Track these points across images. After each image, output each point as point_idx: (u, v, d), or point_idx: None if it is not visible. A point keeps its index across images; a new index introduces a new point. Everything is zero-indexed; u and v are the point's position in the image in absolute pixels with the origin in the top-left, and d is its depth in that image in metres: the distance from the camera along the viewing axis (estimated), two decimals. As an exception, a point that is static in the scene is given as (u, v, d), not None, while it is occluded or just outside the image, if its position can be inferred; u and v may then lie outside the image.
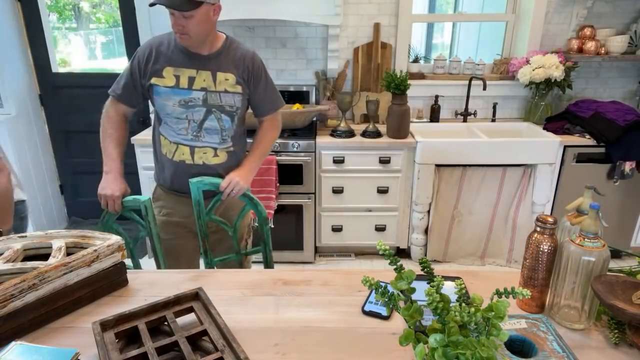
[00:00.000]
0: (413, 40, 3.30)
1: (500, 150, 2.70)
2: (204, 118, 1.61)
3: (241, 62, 1.64)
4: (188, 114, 1.60)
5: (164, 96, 1.58)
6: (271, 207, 2.75)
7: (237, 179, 1.61)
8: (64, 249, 1.13)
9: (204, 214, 1.65)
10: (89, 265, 1.09)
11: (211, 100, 1.60)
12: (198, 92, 1.58)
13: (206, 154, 1.66)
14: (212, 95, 1.60)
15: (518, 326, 0.99)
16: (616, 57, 2.91)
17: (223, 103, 1.62)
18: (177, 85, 1.57)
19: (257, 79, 1.68)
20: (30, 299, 1.00)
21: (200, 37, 1.53)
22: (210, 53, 1.59)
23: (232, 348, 0.89)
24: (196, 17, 1.47)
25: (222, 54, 1.62)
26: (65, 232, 1.21)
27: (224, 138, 1.67)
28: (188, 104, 1.59)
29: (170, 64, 1.57)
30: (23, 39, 3.12)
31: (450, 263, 3.00)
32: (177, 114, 1.60)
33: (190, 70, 1.57)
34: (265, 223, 1.70)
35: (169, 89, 1.57)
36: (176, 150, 1.65)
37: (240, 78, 1.63)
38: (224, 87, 1.61)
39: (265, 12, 2.68)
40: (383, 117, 3.08)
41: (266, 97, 1.74)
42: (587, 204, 1.01)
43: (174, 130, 1.63)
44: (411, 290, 0.77)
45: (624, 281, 0.98)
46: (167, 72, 1.57)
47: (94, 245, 1.14)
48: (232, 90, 1.62)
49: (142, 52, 1.60)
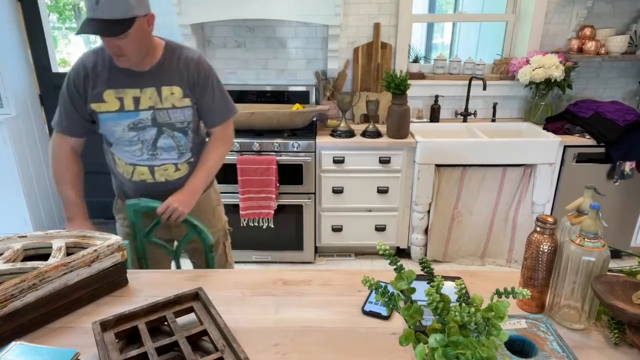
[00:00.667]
0: (413, 40, 3.30)
1: (500, 150, 2.70)
2: (156, 137, 1.50)
3: (185, 70, 1.48)
4: (139, 136, 1.48)
5: (110, 122, 1.46)
6: (271, 207, 2.75)
7: (175, 205, 1.48)
8: (64, 249, 1.13)
9: (141, 236, 1.57)
10: (89, 265, 1.10)
11: (160, 119, 1.48)
12: (146, 112, 1.46)
13: (167, 170, 1.55)
14: (160, 113, 1.47)
15: (518, 326, 0.99)
16: (616, 57, 2.91)
17: (173, 120, 1.49)
18: (122, 108, 1.44)
19: (203, 87, 1.52)
20: (30, 299, 1.00)
21: (140, 54, 1.40)
22: (151, 67, 1.45)
23: (232, 348, 0.89)
24: (130, 35, 1.31)
25: (164, 65, 1.47)
26: (65, 232, 1.21)
27: (181, 152, 1.56)
28: (138, 126, 1.47)
29: (110, 85, 1.43)
30: (23, 39, 3.12)
31: (450, 263, 3.00)
32: (128, 137, 1.48)
33: (133, 90, 1.44)
34: (210, 251, 1.59)
35: (114, 114, 1.44)
36: (134, 171, 1.54)
37: (186, 89, 1.49)
38: (170, 102, 1.47)
39: (265, 12, 2.68)
40: (383, 117, 3.08)
41: (214, 106, 1.57)
42: (587, 204, 1.01)
43: (127, 152, 1.51)
44: (411, 290, 0.77)
45: (624, 281, 0.98)
46: (108, 96, 1.43)
47: (94, 245, 1.14)
48: (180, 104, 1.49)
49: (75, 75, 1.44)
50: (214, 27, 3.05)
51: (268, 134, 2.76)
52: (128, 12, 1.28)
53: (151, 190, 1.55)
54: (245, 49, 3.11)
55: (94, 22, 1.28)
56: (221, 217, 1.81)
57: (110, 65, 1.43)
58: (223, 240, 1.81)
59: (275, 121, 2.73)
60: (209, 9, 2.67)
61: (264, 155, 2.69)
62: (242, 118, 2.69)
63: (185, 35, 2.80)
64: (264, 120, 2.71)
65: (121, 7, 1.27)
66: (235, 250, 2.93)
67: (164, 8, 2.94)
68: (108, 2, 1.26)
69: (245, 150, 2.71)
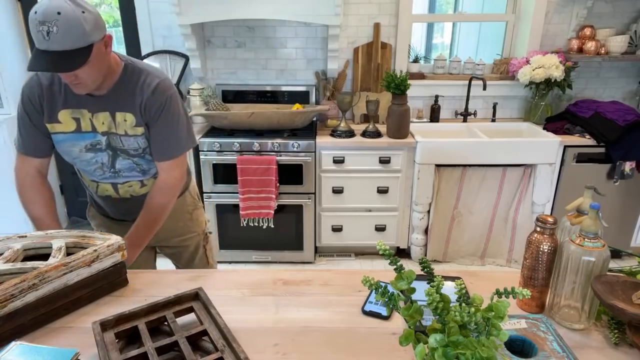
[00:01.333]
0: (413, 40, 3.30)
1: (500, 150, 2.70)
2: (113, 161, 1.42)
3: (140, 95, 1.34)
4: (97, 158, 1.40)
5: (67, 143, 1.37)
6: (271, 207, 2.75)
7: None
8: (64, 249, 1.13)
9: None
10: (89, 265, 1.09)
11: (114, 143, 1.39)
12: (101, 136, 1.37)
13: (132, 187, 1.48)
14: (114, 138, 1.38)
15: (518, 326, 0.99)
16: (616, 57, 2.91)
17: (126, 147, 1.39)
18: (79, 129, 1.34)
19: (155, 116, 1.36)
20: (31, 299, 1.00)
21: (98, 80, 1.28)
22: (107, 90, 1.34)
23: (232, 348, 0.89)
24: (89, 62, 1.19)
25: (120, 88, 1.34)
26: (65, 232, 1.21)
27: (144, 170, 1.46)
28: (95, 147, 1.38)
29: (66, 106, 1.33)
30: (23, 39, 3.12)
31: (450, 263, 3.00)
32: (86, 158, 1.40)
33: (88, 112, 1.35)
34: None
35: (70, 135, 1.35)
36: (98, 188, 1.47)
37: (139, 117, 1.36)
38: (123, 129, 1.36)
39: (265, 12, 2.68)
40: (383, 117, 3.08)
41: (161, 139, 1.39)
42: (587, 204, 1.01)
43: (87, 171, 1.45)
44: (411, 290, 0.77)
45: (624, 281, 0.98)
46: (63, 116, 1.33)
47: (94, 245, 1.14)
48: (133, 132, 1.37)
49: (29, 92, 1.33)
50: (214, 27, 3.05)
51: (268, 134, 2.76)
52: (84, 39, 1.15)
53: (118, 204, 1.50)
54: (245, 49, 3.12)
55: (46, 55, 1.13)
56: (200, 220, 1.72)
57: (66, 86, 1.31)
58: (203, 244, 1.74)
59: (275, 121, 2.73)
60: (209, 9, 2.67)
61: (264, 155, 2.69)
62: (242, 118, 2.69)
63: (185, 35, 2.80)
64: (264, 120, 2.71)
65: (75, 35, 1.13)
66: (235, 250, 2.96)
67: (164, 8, 2.95)
68: (61, 32, 1.11)
69: (245, 150, 2.71)
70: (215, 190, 2.81)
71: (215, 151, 2.71)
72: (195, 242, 1.70)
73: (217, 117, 2.75)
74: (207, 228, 1.78)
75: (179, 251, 1.69)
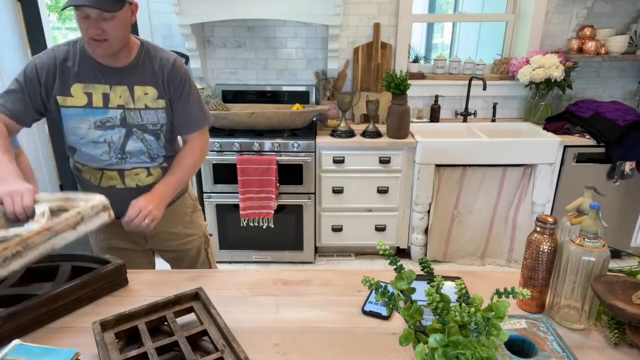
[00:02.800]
0: (413, 40, 3.30)
1: (500, 150, 2.70)
2: (124, 141, 1.40)
3: (160, 72, 1.40)
4: (106, 137, 1.39)
5: (76, 118, 1.36)
6: (271, 207, 2.75)
7: (149, 207, 1.33)
8: (47, 213, 1.07)
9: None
10: (74, 228, 1.05)
11: (130, 120, 1.39)
12: (115, 111, 1.37)
13: (138, 175, 1.45)
14: (131, 113, 1.38)
15: (518, 326, 0.99)
16: (616, 57, 2.91)
17: (145, 122, 1.40)
18: (90, 104, 1.35)
19: (178, 90, 1.43)
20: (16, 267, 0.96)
21: (120, 43, 1.31)
22: (125, 64, 1.37)
23: (232, 348, 0.89)
24: (117, 18, 1.24)
25: (139, 64, 1.38)
26: (48, 196, 1.14)
27: (152, 157, 1.46)
28: (105, 125, 1.37)
29: (79, 80, 1.35)
30: (23, 39, 3.12)
31: (450, 263, 3.00)
32: (94, 137, 1.38)
33: (103, 86, 1.35)
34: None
35: (80, 109, 1.36)
36: (102, 177, 1.44)
37: (161, 91, 1.40)
38: (143, 103, 1.39)
39: (265, 12, 2.69)
40: (383, 117, 3.08)
41: (189, 113, 1.47)
42: (587, 204, 1.01)
43: (93, 156, 1.41)
44: (411, 290, 0.77)
45: (624, 281, 0.98)
46: (75, 90, 1.35)
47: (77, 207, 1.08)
48: (154, 105, 1.40)
49: (42, 66, 1.34)
50: (213, 27, 3.05)
51: (268, 134, 2.76)
52: None
53: (121, 198, 1.40)
54: (245, 49, 3.12)
55: None
56: (199, 223, 1.70)
57: (81, 60, 1.35)
58: (205, 247, 1.72)
59: (275, 121, 2.73)
60: (209, 9, 2.67)
61: (264, 155, 2.69)
62: (242, 118, 2.69)
63: (185, 35, 2.80)
64: (264, 120, 2.71)
65: None
66: (235, 250, 2.96)
67: (164, 8, 2.95)
68: None
69: (245, 150, 2.71)
70: (215, 190, 2.81)
71: (215, 151, 2.71)
72: (197, 245, 1.68)
73: (217, 117, 2.74)
74: (207, 230, 1.76)
75: (180, 255, 1.66)
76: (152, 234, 1.54)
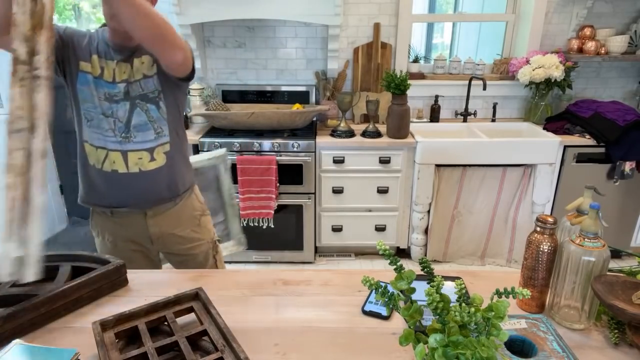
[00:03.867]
0: (413, 40, 3.30)
1: (500, 150, 2.70)
2: (129, 115, 1.47)
3: None
4: (113, 110, 1.46)
5: (91, 85, 1.45)
6: (271, 207, 2.75)
7: None
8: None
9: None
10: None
11: (133, 92, 1.47)
12: (120, 85, 1.46)
13: (142, 159, 1.48)
14: (133, 86, 1.47)
15: (518, 326, 0.99)
16: (616, 57, 2.91)
17: (145, 91, 1.48)
18: (102, 76, 1.45)
19: None
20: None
21: None
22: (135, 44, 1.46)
23: (232, 348, 0.89)
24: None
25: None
26: None
27: (157, 132, 1.50)
28: (113, 98, 1.46)
29: (98, 53, 1.46)
30: (23, 39, 3.12)
31: (450, 263, 3.00)
32: (103, 108, 1.45)
33: (113, 62, 1.46)
34: None
35: (94, 79, 1.45)
36: (106, 158, 1.47)
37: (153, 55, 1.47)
38: (141, 72, 1.48)
39: (265, 12, 2.69)
40: (383, 117, 3.09)
41: None
42: (587, 204, 1.01)
43: (99, 131, 1.46)
44: (411, 290, 0.77)
45: (624, 281, 0.98)
46: (94, 61, 1.46)
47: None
48: (150, 72, 1.48)
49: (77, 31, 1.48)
50: (213, 27, 3.05)
51: (268, 134, 2.76)
52: None
53: (124, 185, 1.47)
54: (245, 49, 3.12)
55: None
56: (208, 228, 1.70)
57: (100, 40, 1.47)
58: (213, 254, 1.71)
59: (275, 121, 2.73)
60: (209, 9, 2.67)
61: (264, 155, 2.69)
62: (242, 118, 2.69)
63: (185, 35, 2.80)
64: (264, 120, 2.71)
65: None
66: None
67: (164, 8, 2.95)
68: None
69: (245, 150, 2.71)
70: (215, 190, 2.81)
71: (215, 151, 2.71)
72: (204, 250, 1.66)
73: (217, 117, 2.75)
74: (215, 236, 1.74)
75: (186, 260, 1.64)
76: (159, 235, 1.54)
